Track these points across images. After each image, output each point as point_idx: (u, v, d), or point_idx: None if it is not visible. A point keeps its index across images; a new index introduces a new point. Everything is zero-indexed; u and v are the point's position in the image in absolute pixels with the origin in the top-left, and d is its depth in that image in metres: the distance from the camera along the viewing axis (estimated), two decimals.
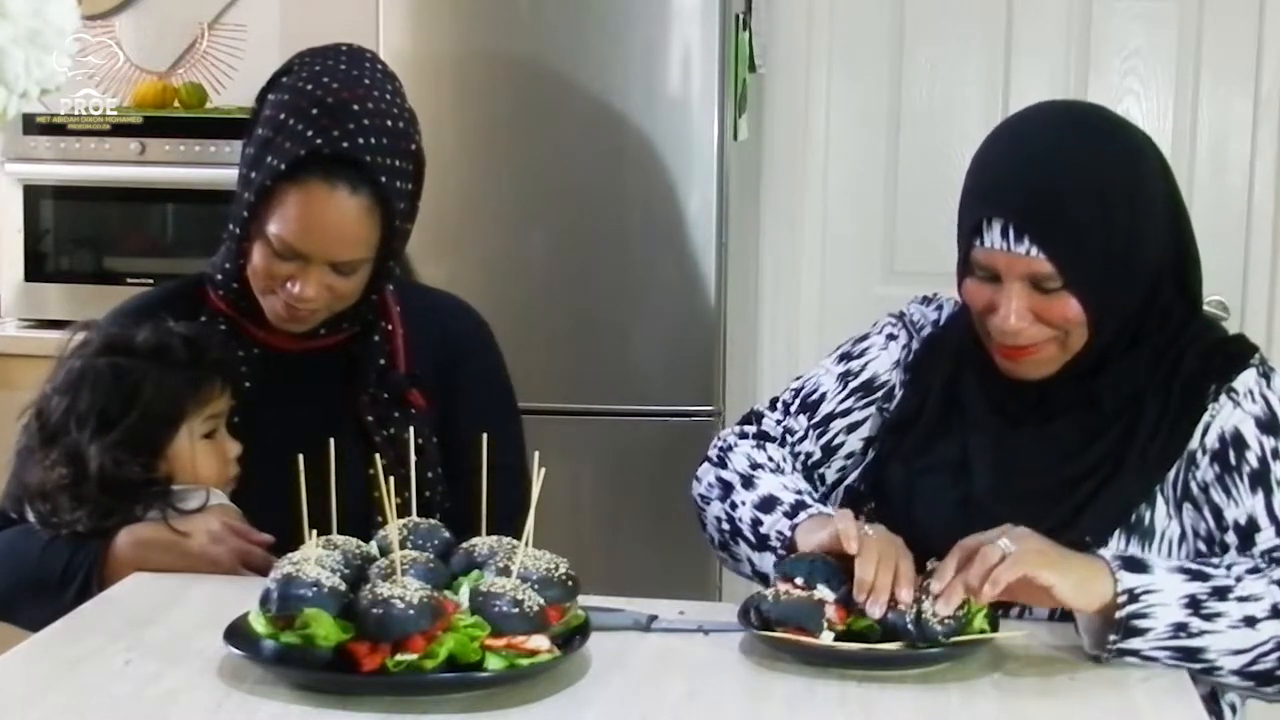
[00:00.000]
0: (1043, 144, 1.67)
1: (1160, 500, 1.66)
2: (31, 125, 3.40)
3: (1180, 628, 1.49)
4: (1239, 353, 1.70)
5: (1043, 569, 1.49)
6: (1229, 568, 1.56)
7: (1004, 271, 1.64)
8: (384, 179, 1.80)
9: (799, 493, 1.75)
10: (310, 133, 1.78)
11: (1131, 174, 1.67)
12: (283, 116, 1.80)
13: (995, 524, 1.59)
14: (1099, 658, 1.51)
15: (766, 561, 1.71)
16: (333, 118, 1.79)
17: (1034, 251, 1.61)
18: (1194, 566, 1.55)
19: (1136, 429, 1.66)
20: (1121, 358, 1.68)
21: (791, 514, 1.70)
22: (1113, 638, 1.49)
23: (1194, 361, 1.68)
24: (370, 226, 1.81)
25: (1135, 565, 1.52)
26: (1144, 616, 1.49)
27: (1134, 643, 1.49)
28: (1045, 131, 1.70)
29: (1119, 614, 1.49)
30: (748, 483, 1.78)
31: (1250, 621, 1.51)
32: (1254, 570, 1.55)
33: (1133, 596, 1.49)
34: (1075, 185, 1.63)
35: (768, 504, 1.74)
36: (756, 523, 1.73)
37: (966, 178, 1.72)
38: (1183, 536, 1.65)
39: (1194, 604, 1.50)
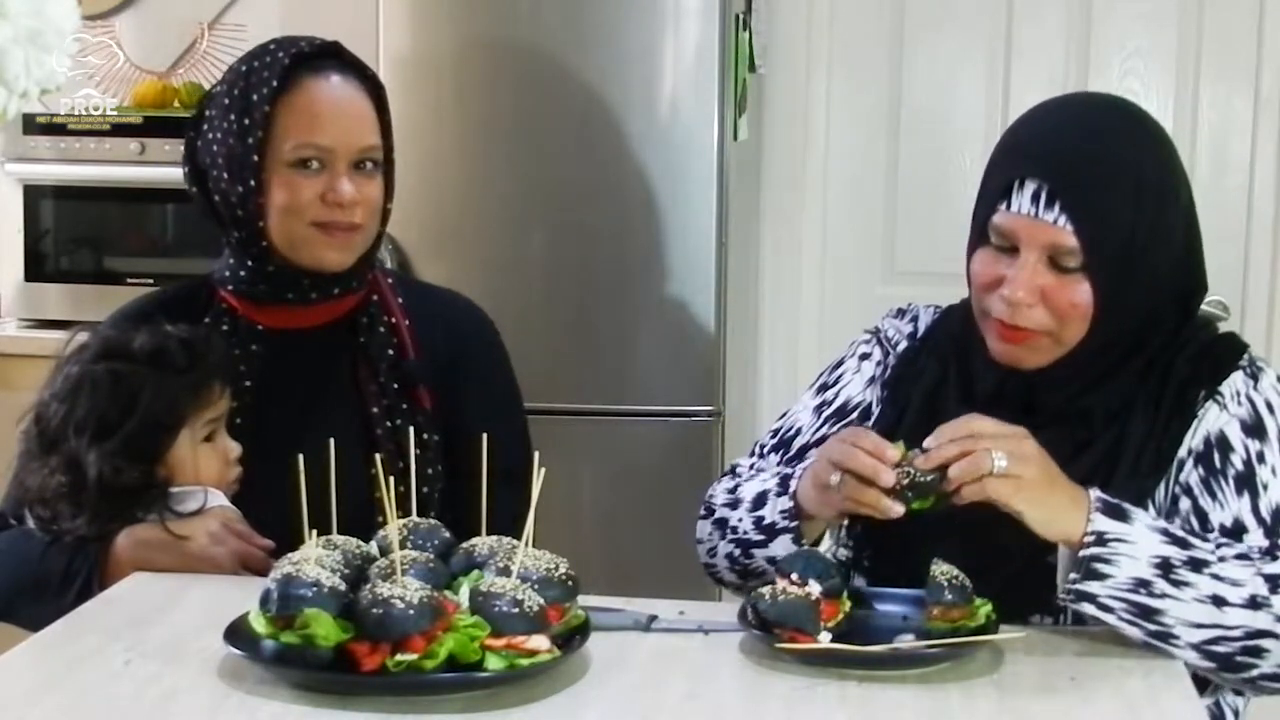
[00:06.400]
0: (1088, 121, 1.66)
1: (1152, 512, 1.62)
2: (31, 125, 3.40)
3: (1142, 584, 1.49)
4: (1226, 355, 1.68)
5: (1017, 501, 1.51)
6: (1218, 546, 1.54)
7: (1025, 240, 1.62)
8: (365, 69, 1.93)
9: (777, 474, 1.76)
10: (289, 49, 1.89)
11: (1167, 176, 1.66)
12: (243, 69, 1.90)
13: (978, 537, 1.57)
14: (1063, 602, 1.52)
15: (784, 544, 1.69)
16: (303, 39, 1.94)
17: (1062, 221, 1.59)
18: (1179, 533, 1.53)
19: (1126, 440, 1.65)
20: (1113, 372, 1.67)
21: (783, 490, 1.70)
22: (1073, 576, 1.50)
23: (1184, 368, 1.66)
24: (370, 108, 1.91)
25: (1116, 512, 1.52)
26: (1107, 562, 1.49)
27: (1092, 586, 1.49)
28: (1090, 112, 1.70)
29: (1081, 553, 1.49)
30: (733, 504, 1.78)
31: (1219, 601, 1.49)
32: (1243, 557, 1.53)
33: (1100, 539, 1.49)
34: (1114, 169, 1.62)
35: (759, 501, 1.74)
36: (759, 521, 1.72)
37: (999, 146, 1.70)
38: None
39: (1164, 566, 1.49)
